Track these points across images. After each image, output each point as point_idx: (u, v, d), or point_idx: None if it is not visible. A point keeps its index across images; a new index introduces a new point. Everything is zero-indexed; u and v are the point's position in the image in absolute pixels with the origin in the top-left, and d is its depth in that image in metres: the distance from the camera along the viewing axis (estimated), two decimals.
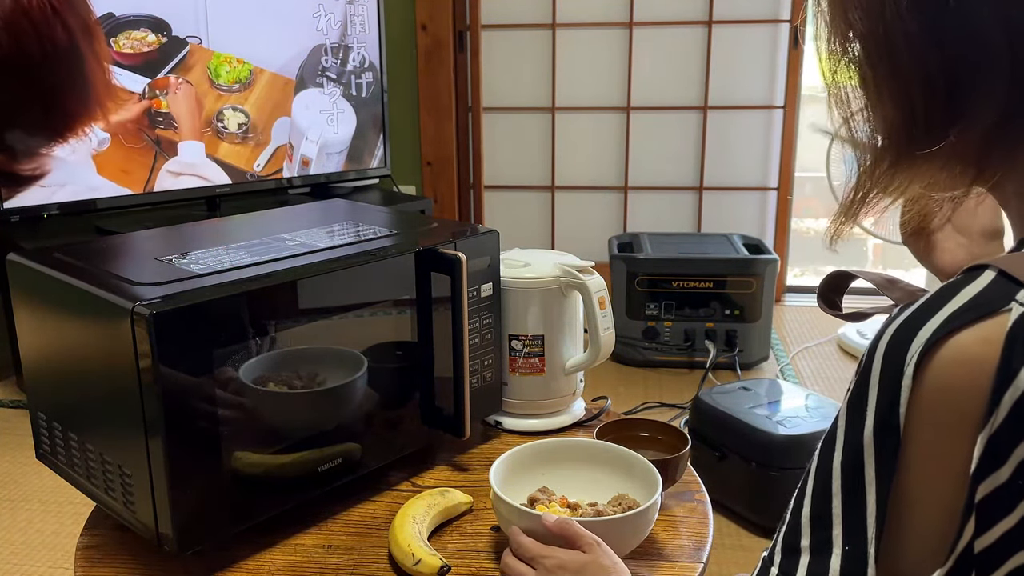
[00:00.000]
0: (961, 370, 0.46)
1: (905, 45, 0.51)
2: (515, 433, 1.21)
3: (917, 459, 0.47)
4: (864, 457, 0.49)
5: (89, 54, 0.78)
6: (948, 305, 0.47)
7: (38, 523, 2.07)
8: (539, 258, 1.22)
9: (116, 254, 1.04)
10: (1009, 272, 0.47)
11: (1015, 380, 0.44)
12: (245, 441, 0.92)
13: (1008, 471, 0.45)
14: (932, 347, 0.46)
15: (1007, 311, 0.45)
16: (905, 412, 0.47)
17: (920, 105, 0.52)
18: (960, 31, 0.50)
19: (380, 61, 3.02)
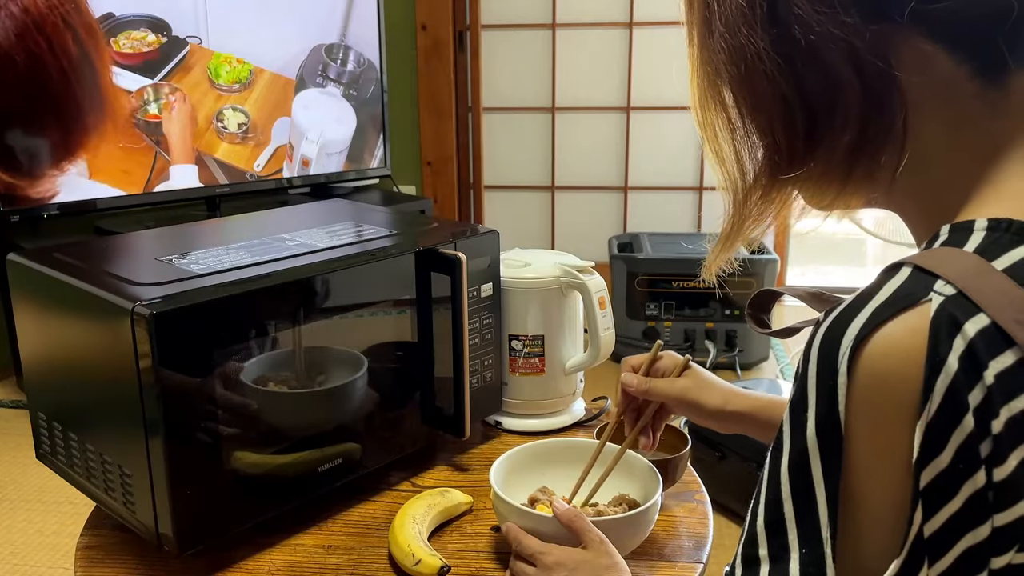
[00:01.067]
0: (891, 361, 0.47)
1: (766, 84, 0.55)
2: (515, 433, 1.21)
3: (860, 454, 0.48)
4: (810, 459, 0.49)
5: (97, 62, 0.78)
6: (872, 301, 0.48)
7: (38, 523, 2.07)
8: (539, 258, 1.22)
9: (116, 254, 1.04)
10: (924, 267, 0.48)
11: (944, 366, 0.45)
12: (245, 441, 0.92)
13: (948, 456, 0.46)
14: (861, 342, 0.47)
15: (928, 301, 0.47)
16: (844, 410, 0.48)
17: (782, 138, 0.56)
18: (813, 69, 0.54)
19: (380, 61, 3.02)
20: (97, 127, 2.35)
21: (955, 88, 0.54)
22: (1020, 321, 0.46)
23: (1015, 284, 0.47)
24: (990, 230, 0.50)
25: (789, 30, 0.54)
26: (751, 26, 0.55)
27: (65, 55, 2.23)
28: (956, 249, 0.50)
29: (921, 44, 0.53)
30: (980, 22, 0.52)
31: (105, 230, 2.54)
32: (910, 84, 0.54)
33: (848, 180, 0.57)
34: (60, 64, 2.23)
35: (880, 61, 0.53)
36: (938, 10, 0.52)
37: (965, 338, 0.46)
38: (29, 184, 2.28)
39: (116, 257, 1.02)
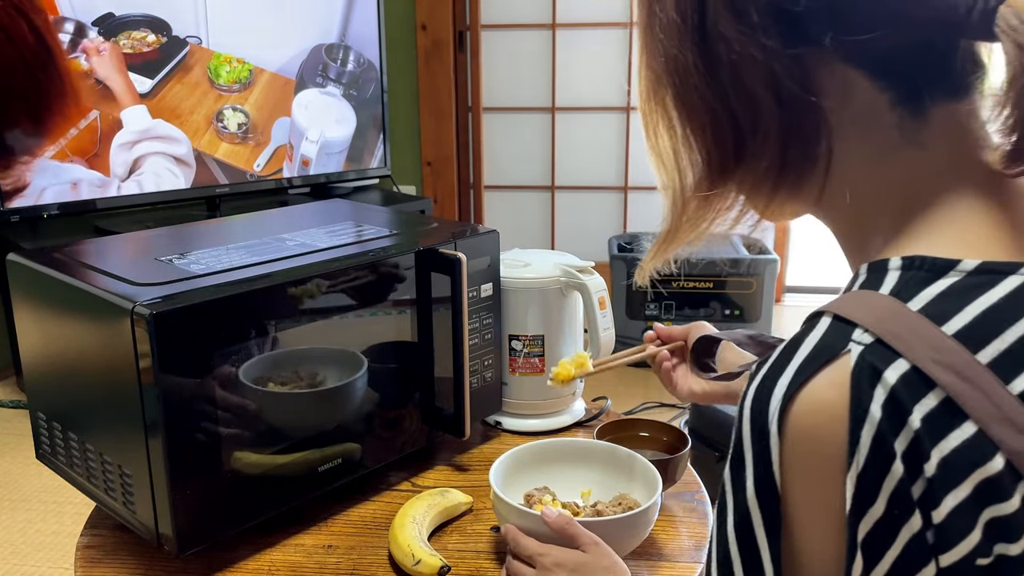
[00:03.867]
0: (817, 418, 0.47)
1: (697, 96, 0.57)
2: (515, 433, 1.21)
3: (797, 511, 0.48)
4: (752, 519, 0.50)
5: (57, 49, 0.78)
6: (795, 358, 0.49)
7: (38, 523, 2.07)
8: (539, 258, 1.22)
9: (116, 254, 1.04)
10: (841, 315, 0.49)
11: (868, 416, 0.46)
12: (245, 441, 0.92)
13: (882, 505, 0.46)
14: (788, 402, 0.48)
15: (847, 352, 0.47)
16: (778, 469, 0.48)
17: (713, 150, 0.58)
18: (738, 90, 0.55)
19: (380, 61, 3.02)
20: (62, 110, 2.34)
21: (876, 117, 0.54)
22: (938, 361, 0.46)
23: (931, 324, 0.47)
24: (904, 269, 0.51)
25: (715, 46, 0.55)
26: (682, 38, 0.56)
27: (24, 45, 2.23)
28: (872, 292, 0.50)
29: (843, 70, 0.54)
30: (901, 53, 0.52)
31: (105, 230, 2.54)
32: (832, 110, 0.55)
33: (773, 197, 0.58)
34: (20, 54, 2.23)
35: (800, 86, 0.54)
36: (858, 41, 0.52)
37: (886, 386, 0.46)
38: (6, 177, 2.27)
39: (116, 257, 1.02)
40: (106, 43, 2.39)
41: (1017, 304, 0.48)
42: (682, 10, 0.56)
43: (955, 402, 0.45)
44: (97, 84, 2.38)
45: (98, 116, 2.40)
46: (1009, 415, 0.45)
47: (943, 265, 0.50)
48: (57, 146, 2.33)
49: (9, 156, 2.26)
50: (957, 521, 0.45)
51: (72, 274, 0.92)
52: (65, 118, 2.34)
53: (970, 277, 0.49)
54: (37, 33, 2.26)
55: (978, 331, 0.47)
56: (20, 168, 2.28)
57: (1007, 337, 0.47)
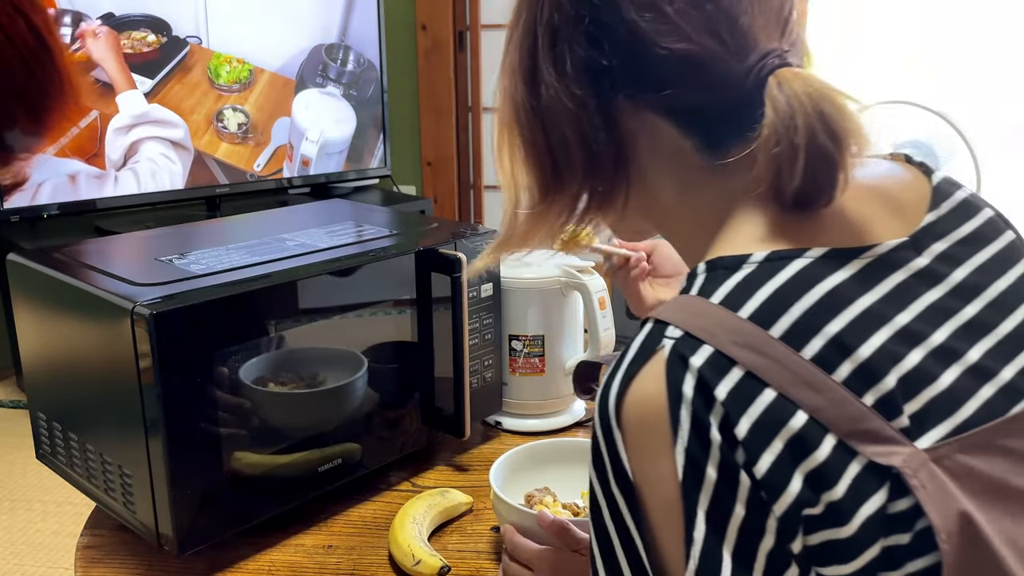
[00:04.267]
0: (644, 407, 0.54)
1: (526, 127, 0.66)
2: (515, 433, 1.21)
3: (648, 490, 0.55)
4: (620, 508, 0.56)
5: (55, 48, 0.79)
6: (625, 359, 0.57)
7: (38, 523, 2.07)
8: (539, 258, 1.22)
9: (116, 254, 1.04)
10: (659, 318, 0.57)
11: (682, 397, 0.53)
12: (245, 441, 0.92)
13: (713, 472, 0.52)
14: (621, 397, 0.55)
15: (662, 348, 0.55)
16: (627, 460, 0.55)
17: (534, 173, 0.67)
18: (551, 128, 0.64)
19: (380, 61, 3.02)
20: (61, 109, 2.34)
21: (683, 157, 0.63)
22: (736, 343, 0.53)
23: (728, 311, 0.55)
24: (708, 270, 0.59)
25: (538, 88, 0.64)
26: (517, 77, 0.65)
27: (23, 43, 2.23)
28: (684, 296, 0.58)
29: (651, 119, 0.63)
30: (695, 108, 0.61)
31: (105, 230, 2.53)
32: (642, 148, 0.64)
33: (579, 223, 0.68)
34: (18, 52, 2.23)
35: (604, 130, 0.63)
36: (653, 98, 0.61)
37: (693, 370, 0.53)
38: (5, 173, 2.27)
39: (116, 257, 1.02)
40: (103, 26, 2.38)
41: (802, 282, 0.56)
42: (520, 55, 0.65)
43: (755, 374, 0.52)
44: (97, 83, 2.38)
45: (98, 116, 2.40)
46: (805, 379, 0.53)
47: (737, 260, 0.58)
48: (57, 146, 2.33)
49: (8, 154, 2.26)
50: (776, 475, 0.52)
51: (72, 274, 0.92)
52: (64, 116, 2.34)
53: (760, 266, 0.57)
54: (36, 32, 2.26)
55: (769, 311, 0.55)
56: (19, 164, 2.28)
57: (794, 312, 0.54)
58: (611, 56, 0.61)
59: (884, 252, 0.59)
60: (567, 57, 0.62)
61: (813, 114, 0.55)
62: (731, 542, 0.53)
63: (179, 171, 2.58)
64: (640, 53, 0.60)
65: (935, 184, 0.65)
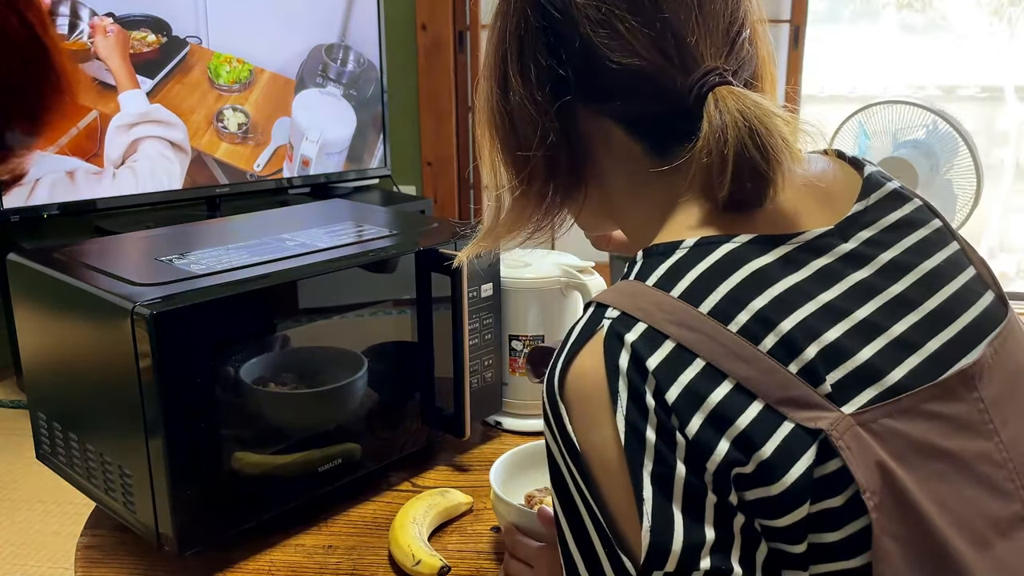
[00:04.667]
0: (585, 380, 0.59)
1: (497, 128, 0.72)
2: (515, 433, 1.21)
3: (594, 459, 0.58)
4: (575, 476, 0.59)
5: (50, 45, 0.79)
6: (569, 340, 0.61)
7: (38, 523, 2.07)
8: (539, 258, 1.22)
9: (116, 254, 1.04)
10: (600, 301, 0.61)
11: (618, 370, 0.57)
12: (245, 441, 0.92)
13: (652, 436, 0.56)
14: (564, 375, 0.60)
15: (601, 328, 0.59)
16: (573, 431, 0.59)
17: (510, 169, 0.72)
18: (515, 126, 0.70)
19: (380, 61, 3.02)
20: (58, 106, 2.33)
21: (633, 159, 0.68)
22: (668, 320, 0.58)
23: (661, 292, 0.60)
24: (645, 257, 0.63)
25: (507, 92, 0.70)
26: (492, 79, 0.71)
27: (16, 39, 2.23)
28: (624, 281, 0.63)
29: (604, 123, 0.68)
30: (644, 116, 0.66)
31: (105, 230, 2.53)
32: (598, 150, 0.70)
33: (547, 214, 0.74)
34: (12, 49, 2.23)
35: (561, 132, 0.68)
36: (604, 107, 0.67)
37: (627, 345, 0.58)
38: (2, 170, 2.27)
39: (116, 257, 1.02)
40: (115, 24, 2.38)
41: (729, 263, 0.60)
42: (496, 60, 0.70)
43: (685, 347, 0.57)
44: (96, 82, 2.38)
45: (98, 116, 2.40)
46: (733, 350, 0.57)
47: (669, 247, 0.62)
48: (57, 145, 2.33)
49: (5, 151, 2.26)
50: (704, 437, 0.56)
51: (72, 274, 0.92)
52: (62, 115, 2.33)
53: (691, 250, 0.61)
54: (29, 28, 2.26)
55: (698, 289, 0.59)
56: (15, 161, 2.28)
57: (721, 290, 0.59)
58: (568, 66, 0.66)
59: (810, 239, 0.63)
60: (531, 65, 0.68)
61: (744, 130, 0.60)
62: (679, 499, 0.56)
63: (176, 171, 2.58)
64: (594, 66, 0.65)
65: (866, 175, 0.69)
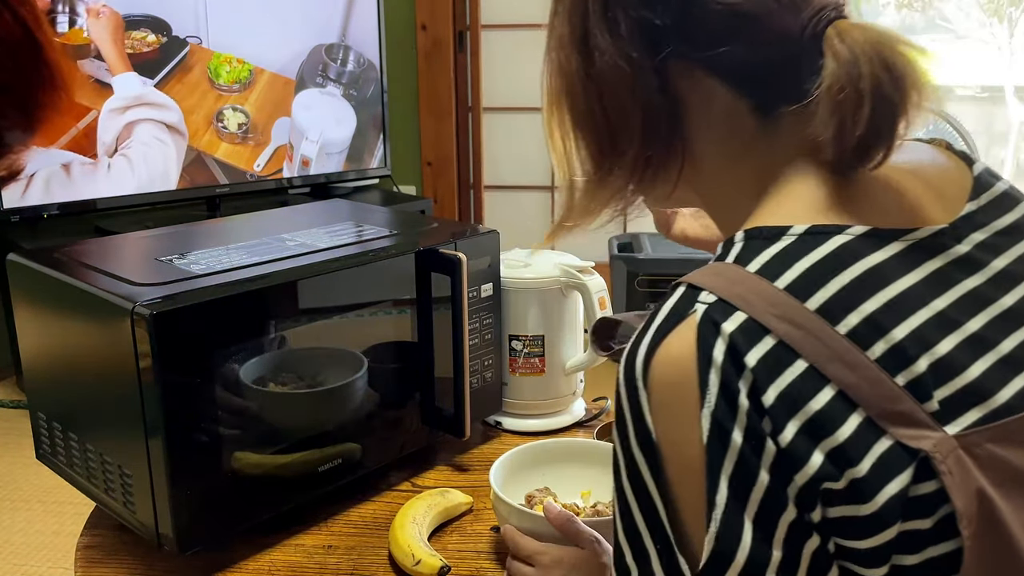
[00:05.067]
0: (673, 367, 0.54)
1: (579, 98, 0.66)
2: (515, 433, 1.21)
3: (670, 451, 0.55)
4: (640, 469, 0.56)
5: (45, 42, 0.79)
6: (655, 321, 0.57)
7: (38, 523, 2.07)
8: (539, 258, 1.22)
9: (116, 254, 1.04)
10: (692, 283, 0.57)
11: (712, 362, 0.53)
12: (245, 441, 0.92)
13: (739, 438, 0.52)
14: (649, 358, 0.55)
15: (694, 312, 0.55)
16: (651, 420, 0.55)
17: (592, 145, 0.67)
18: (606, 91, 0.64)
19: (380, 61, 3.01)
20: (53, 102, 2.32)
21: (735, 120, 0.63)
22: (772, 312, 0.53)
23: (765, 281, 0.55)
24: (746, 239, 0.59)
25: (591, 55, 0.63)
26: (568, 47, 0.65)
27: (9, 36, 2.23)
28: (720, 263, 0.59)
29: (704, 80, 0.62)
30: (751, 66, 0.61)
31: (105, 230, 2.53)
32: (693, 112, 0.64)
33: (638, 187, 0.68)
34: (5, 46, 2.23)
35: (660, 93, 0.62)
36: (710, 56, 0.61)
37: (724, 335, 0.53)
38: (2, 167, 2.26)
39: (116, 257, 1.02)
40: (107, 7, 2.38)
41: (840, 258, 0.56)
42: (571, 24, 0.64)
43: (788, 345, 0.53)
44: (94, 81, 2.38)
45: (97, 115, 2.40)
46: (839, 354, 0.53)
47: (776, 232, 0.57)
48: (57, 145, 2.33)
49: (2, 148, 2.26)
50: (799, 447, 0.52)
51: (72, 274, 0.92)
52: (57, 112, 2.33)
53: (800, 239, 0.57)
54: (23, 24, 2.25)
55: (806, 283, 0.54)
56: (12, 157, 2.28)
57: (831, 287, 0.54)
58: (664, 15, 0.60)
59: (924, 237, 0.58)
60: (620, 19, 0.61)
61: (877, 62, 0.55)
62: (752, 509, 0.52)
63: (172, 153, 2.56)
64: (694, 10, 0.60)
65: (976, 174, 0.65)
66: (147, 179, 2.52)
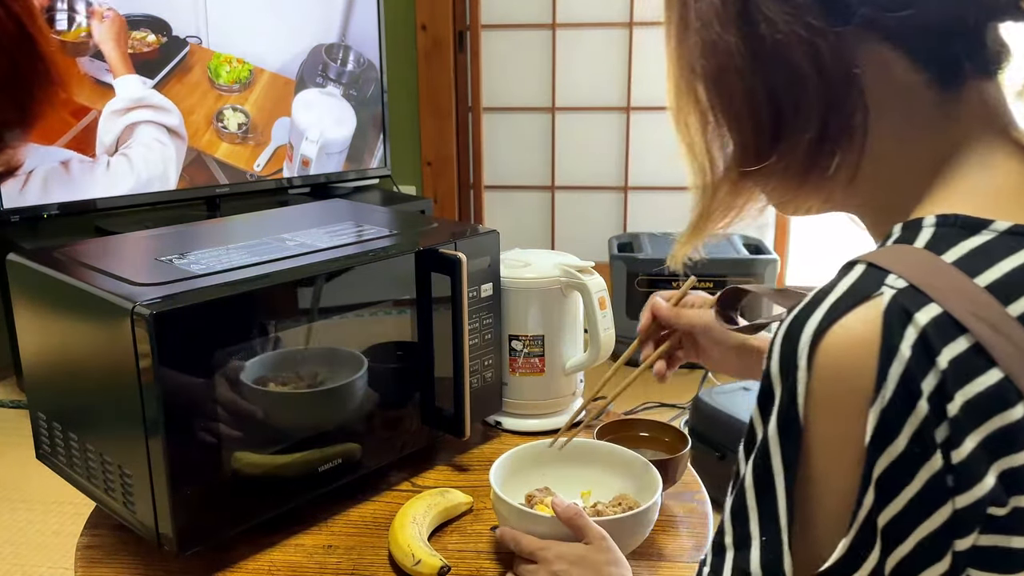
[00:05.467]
0: (847, 352, 0.49)
1: (736, 79, 0.58)
2: (515, 433, 1.21)
3: (818, 444, 0.50)
4: (770, 451, 0.51)
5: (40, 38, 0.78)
6: (828, 298, 0.51)
7: (38, 523, 2.07)
8: (539, 258, 1.22)
9: (116, 254, 1.04)
10: (876, 263, 0.51)
11: (897, 354, 0.47)
12: (245, 441, 0.92)
13: (903, 441, 0.47)
14: (818, 337, 0.50)
15: (880, 295, 0.49)
16: (803, 402, 0.50)
17: (749, 133, 0.59)
18: (778, 67, 0.56)
19: (380, 61, 3.01)
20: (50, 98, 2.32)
21: (912, 94, 0.56)
22: (971, 311, 0.48)
23: (964, 275, 0.49)
24: (939, 226, 0.53)
25: (757, 28, 0.56)
26: (723, 23, 0.57)
27: (4, 33, 2.23)
28: (906, 246, 0.53)
29: (882, 50, 0.56)
30: (936, 32, 0.55)
31: (105, 230, 2.53)
32: (870, 86, 0.57)
33: (807, 178, 0.59)
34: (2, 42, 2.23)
35: (842, 63, 0.55)
36: (895, 18, 0.54)
37: (917, 327, 0.47)
38: None
39: (116, 257, 1.02)
40: (111, 10, 2.38)
41: None
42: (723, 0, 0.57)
43: (985, 350, 0.47)
44: (95, 81, 2.38)
45: (98, 115, 2.40)
46: None
47: (977, 223, 0.52)
48: (56, 144, 2.33)
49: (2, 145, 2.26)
50: (974, 464, 0.47)
51: (72, 274, 0.92)
52: (52, 108, 2.33)
53: (1003, 236, 0.51)
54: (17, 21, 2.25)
55: (1009, 286, 0.49)
56: (9, 152, 2.28)
57: None
58: None
59: None
60: None
61: None
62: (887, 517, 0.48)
63: (172, 155, 2.55)
64: None
65: None
66: (146, 179, 2.52)
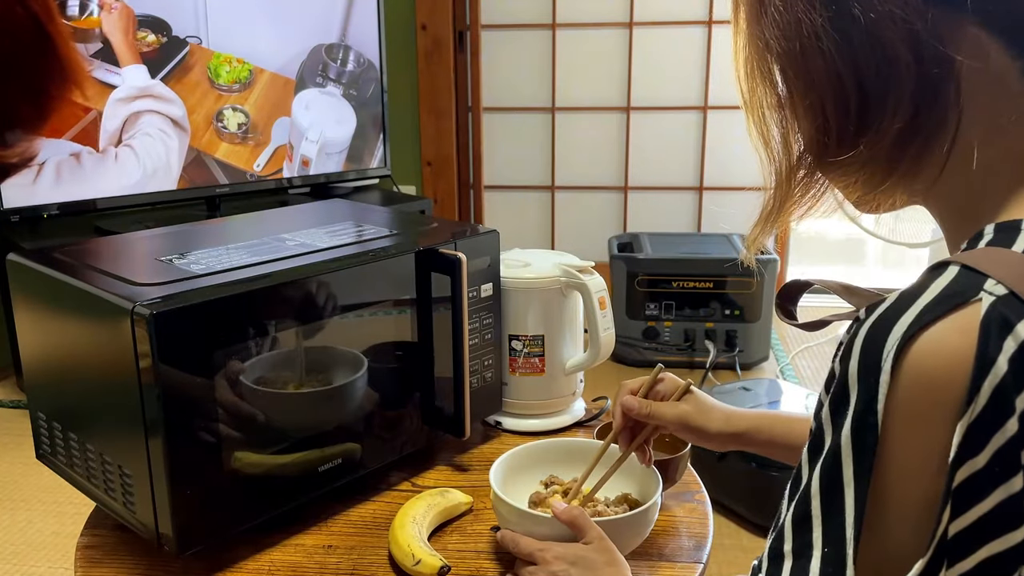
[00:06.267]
0: (939, 361, 0.46)
1: (821, 61, 0.55)
2: (515, 433, 1.21)
3: (896, 453, 0.47)
4: (842, 458, 0.49)
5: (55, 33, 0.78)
6: (920, 300, 0.48)
7: (38, 523, 2.07)
8: (539, 258, 1.22)
9: (116, 254, 1.04)
10: (972, 266, 0.48)
11: (993, 367, 0.45)
12: (245, 441, 0.92)
13: (985, 458, 0.45)
14: (908, 341, 0.47)
15: (977, 301, 0.46)
16: (883, 409, 0.47)
17: (833, 119, 0.56)
18: (870, 49, 0.53)
19: (380, 61, 3.01)
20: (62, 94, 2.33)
21: (1005, 84, 0.53)
22: None
23: None
24: None
25: (848, 7, 0.53)
26: (808, 3, 0.54)
27: (21, 29, 2.23)
28: (1005, 249, 0.49)
29: (978, 35, 0.53)
30: None
31: (105, 230, 2.53)
32: (965, 75, 0.53)
33: (894, 170, 0.56)
34: (18, 38, 2.23)
35: (940, 47, 0.52)
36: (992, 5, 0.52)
37: (1017, 339, 0.45)
38: (12, 153, 2.26)
39: (116, 257, 1.02)
40: (119, 1, 2.38)
41: None
42: None
43: None
44: (99, 83, 2.38)
45: (99, 115, 2.39)
46: None
47: None
48: (64, 137, 2.33)
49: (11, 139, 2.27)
50: None
51: (72, 274, 0.92)
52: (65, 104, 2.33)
53: None
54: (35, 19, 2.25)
55: None
56: (23, 146, 2.28)
57: None
58: None
59: None
60: None
61: None
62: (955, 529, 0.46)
63: (175, 146, 2.56)
64: None
65: None
66: (152, 170, 2.52)
